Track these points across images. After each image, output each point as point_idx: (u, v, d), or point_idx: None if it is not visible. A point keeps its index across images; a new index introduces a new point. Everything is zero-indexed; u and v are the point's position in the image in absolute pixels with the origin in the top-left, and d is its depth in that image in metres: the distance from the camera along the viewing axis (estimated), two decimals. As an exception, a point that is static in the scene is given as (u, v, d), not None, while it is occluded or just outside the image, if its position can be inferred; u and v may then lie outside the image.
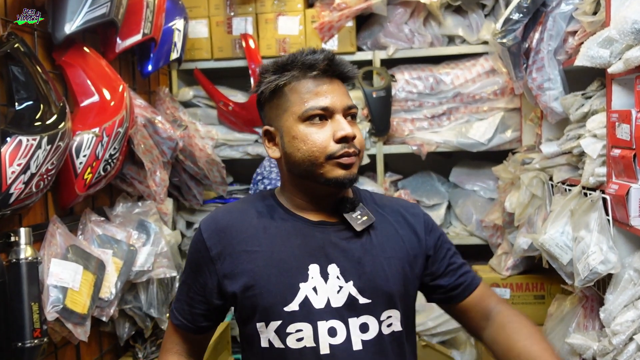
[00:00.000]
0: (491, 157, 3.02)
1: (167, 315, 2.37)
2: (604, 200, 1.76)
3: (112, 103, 2.02)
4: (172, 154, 2.53)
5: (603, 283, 1.83)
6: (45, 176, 1.65)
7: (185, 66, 3.09)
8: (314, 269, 1.08)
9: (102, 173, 1.97)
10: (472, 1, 2.93)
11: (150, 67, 2.55)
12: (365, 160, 3.02)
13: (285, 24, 3.02)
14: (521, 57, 2.32)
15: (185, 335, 1.23)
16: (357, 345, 1.06)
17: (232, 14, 3.04)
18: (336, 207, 1.15)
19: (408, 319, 1.17)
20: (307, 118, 1.08)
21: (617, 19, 1.56)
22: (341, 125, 1.08)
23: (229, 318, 3.09)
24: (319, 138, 1.07)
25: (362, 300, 1.08)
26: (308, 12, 2.99)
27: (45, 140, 1.62)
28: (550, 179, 2.26)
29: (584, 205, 1.82)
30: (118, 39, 2.23)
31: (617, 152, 1.68)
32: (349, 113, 1.13)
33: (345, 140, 1.08)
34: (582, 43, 1.80)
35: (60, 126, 1.69)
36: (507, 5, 2.53)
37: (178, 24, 2.65)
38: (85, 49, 2.06)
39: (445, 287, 1.22)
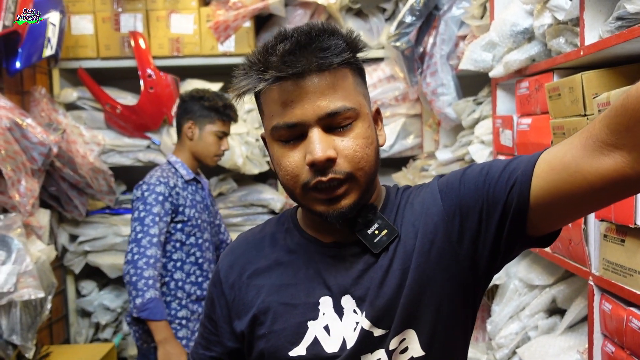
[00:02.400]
0: (394, 164, 2.97)
1: (34, 341, 2.12)
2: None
3: (-40, 103, 1.77)
4: (44, 161, 2.28)
5: (493, 293, 1.78)
6: None
7: (68, 65, 2.83)
8: (325, 303, 0.88)
9: (-56, 183, 1.71)
10: (372, 5, 2.87)
11: (18, 64, 2.28)
12: (265, 167, 2.89)
13: (178, 22, 2.83)
14: (415, 61, 2.28)
15: None
16: None
17: (120, 10, 2.82)
18: (349, 220, 0.88)
19: (437, 334, 0.86)
20: (277, 138, 0.84)
21: (497, 21, 1.52)
22: (310, 147, 0.80)
23: (116, 340, 2.86)
24: (290, 164, 0.82)
25: (378, 332, 0.86)
26: (203, 10, 2.82)
27: None
28: (445, 186, 2.22)
29: (472, 214, 1.77)
30: (-27, 32, 1.98)
31: (501, 158, 1.64)
32: (334, 122, 0.81)
33: (316, 167, 0.80)
34: (470, 47, 1.76)
35: None
36: (405, 9, 2.48)
37: (52, 17, 2.40)
38: None
39: (501, 214, 0.80)
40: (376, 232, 0.88)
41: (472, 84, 2.20)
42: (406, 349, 0.85)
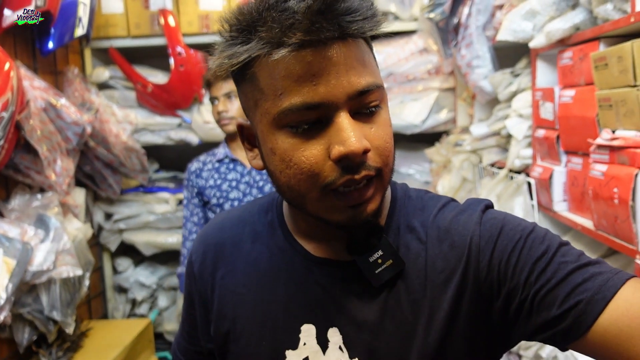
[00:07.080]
0: (427, 139, 2.92)
1: (73, 317, 2.17)
2: (529, 184, 1.67)
3: (-5, 84, 1.79)
4: (78, 141, 2.30)
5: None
6: None
7: (99, 44, 2.84)
8: (307, 332, 0.74)
9: (-17, 163, 1.74)
10: (404, -25, 2.79)
11: (51, 45, 2.30)
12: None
13: (207, -2, 2.81)
14: (450, 33, 2.20)
15: None
16: None
17: (149, -13, 2.81)
18: (348, 241, 0.74)
19: None
20: (286, 124, 0.64)
21: (539, -12, 1.45)
22: (340, 136, 0.61)
23: (152, 316, 2.91)
24: (307, 159, 0.63)
25: None
26: (232, -15, 2.79)
27: None
28: (481, 161, 2.17)
29: (509, 189, 1.72)
30: (6, 11, 1.98)
31: (541, 132, 1.58)
32: (364, 103, 0.64)
33: (349, 162, 0.62)
34: (508, 17, 1.69)
35: None
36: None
37: (83, -4, 2.41)
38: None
39: (542, 325, 0.65)
40: (379, 260, 0.71)
41: (509, 55, 2.12)
42: None
